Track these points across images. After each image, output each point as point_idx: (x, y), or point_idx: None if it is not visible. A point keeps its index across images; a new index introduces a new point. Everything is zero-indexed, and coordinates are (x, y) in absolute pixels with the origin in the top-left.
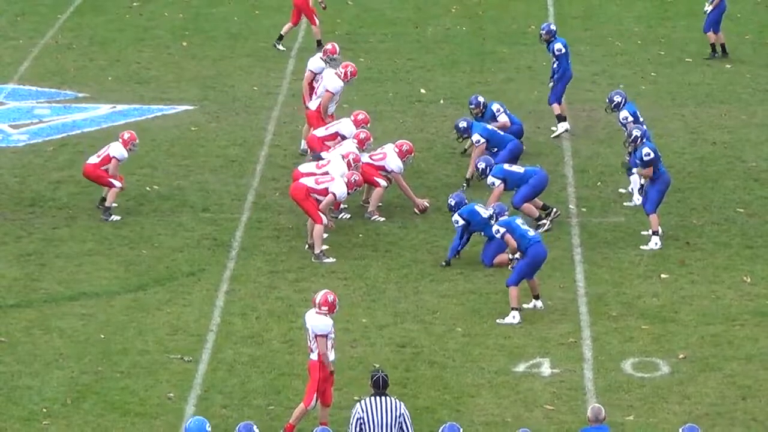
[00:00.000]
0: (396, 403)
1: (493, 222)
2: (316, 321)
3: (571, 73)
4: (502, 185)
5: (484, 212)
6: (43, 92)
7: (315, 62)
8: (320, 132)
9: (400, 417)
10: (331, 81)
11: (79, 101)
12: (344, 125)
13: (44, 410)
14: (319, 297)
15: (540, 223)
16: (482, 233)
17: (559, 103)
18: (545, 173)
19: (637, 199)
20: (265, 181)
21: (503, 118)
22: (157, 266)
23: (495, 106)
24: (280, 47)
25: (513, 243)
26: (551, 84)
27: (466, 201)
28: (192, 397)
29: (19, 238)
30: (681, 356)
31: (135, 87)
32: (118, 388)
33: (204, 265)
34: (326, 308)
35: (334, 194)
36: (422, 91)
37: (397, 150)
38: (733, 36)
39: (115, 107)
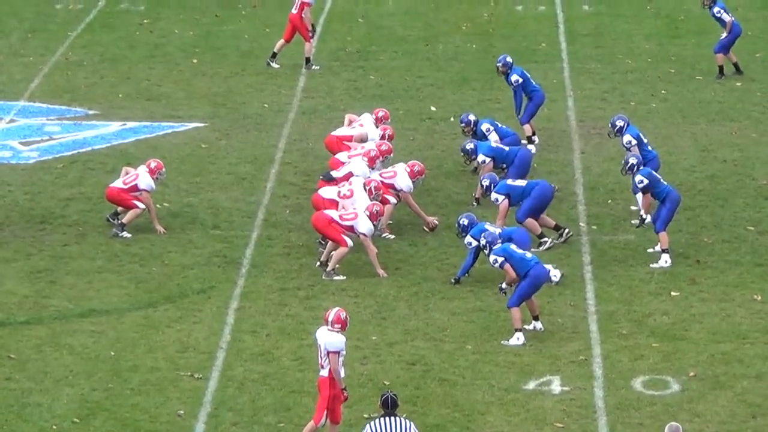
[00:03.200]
0: (406, 422)
1: (487, 252)
2: (329, 338)
3: (542, 94)
4: (506, 201)
5: (495, 230)
6: (54, 109)
7: None
8: (342, 131)
9: None
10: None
11: (90, 118)
12: (366, 120)
13: (54, 427)
14: (331, 315)
15: (542, 240)
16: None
17: (529, 123)
18: (548, 185)
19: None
20: (276, 199)
21: (494, 137)
22: (167, 284)
23: (485, 126)
24: (275, 65)
25: (512, 273)
26: (519, 115)
27: (476, 220)
28: (202, 415)
29: (30, 255)
30: (691, 374)
31: (145, 104)
32: (129, 406)
33: (214, 283)
34: (339, 325)
35: (364, 234)
36: (432, 108)
37: (409, 170)
38: (743, 54)
39: (125, 124)
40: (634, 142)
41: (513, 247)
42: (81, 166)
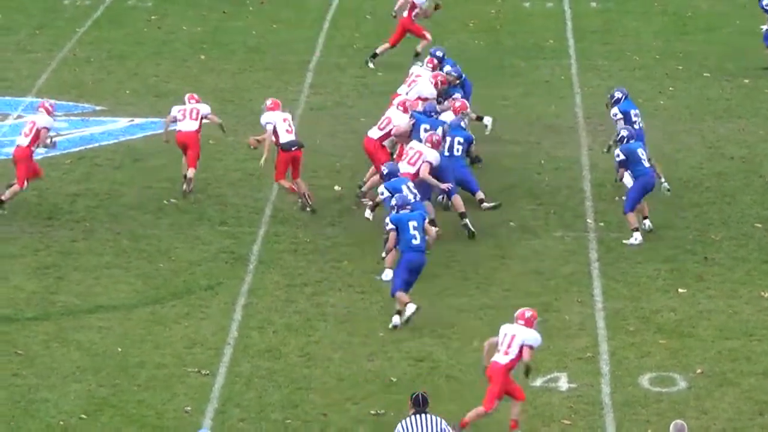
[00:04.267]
0: (437, 420)
1: (390, 212)
2: (530, 333)
3: (468, 83)
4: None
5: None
6: (61, 105)
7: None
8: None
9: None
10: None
11: (97, 114)
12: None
13: (61, 423)
14: (528, 313)
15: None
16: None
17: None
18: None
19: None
20: (283, 195)
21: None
22: (174, 280)
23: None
24: (371, 65)
25: (391, 244)
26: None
27: (399, 173)
28: (209, 411)
29: (37, 251)
30: (698, 371)
31: (153, 100)
32: (136, 402)
33: (221, 279)
34: (534, 322)
35: (430, 162)
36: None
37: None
38: (752, 51)
39: (132, 120)
40: (620, 116)
41: (413, 224)
42: (88, 162)
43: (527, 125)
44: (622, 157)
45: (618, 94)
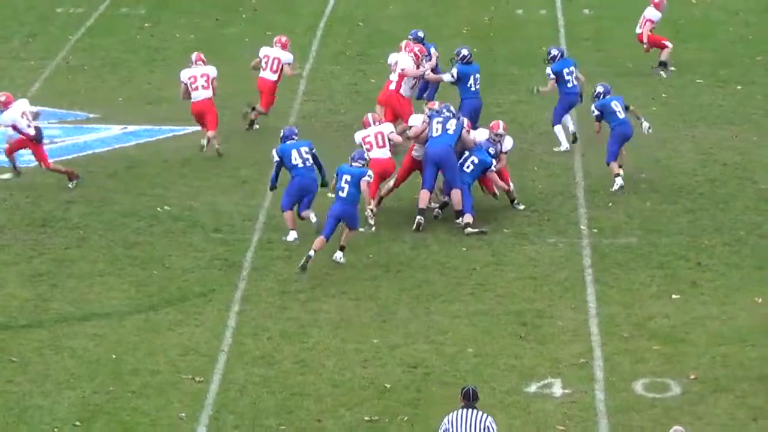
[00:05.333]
0: (482, 415)
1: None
2: None
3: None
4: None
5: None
6: (55, 113)
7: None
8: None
9: (485, 430)
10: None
11: (91, 122)
12: (480, 134)
13: (55, 430)
14: None
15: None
16: None
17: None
18: None
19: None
20: (277, 202)
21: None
22: (168, 287)
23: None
24: (662, 73)
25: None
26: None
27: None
28: (203, 418)
29: (31, 258)
30: (692, 377)
31: (146, 108)
32: (130, 409)
33: (215, 286)
34: None
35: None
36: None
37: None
38: (745, 58)
39: (126, 128)
40: (552, 76)
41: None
42: (82, 169)
43: (521, 132)
44: (596, 112)
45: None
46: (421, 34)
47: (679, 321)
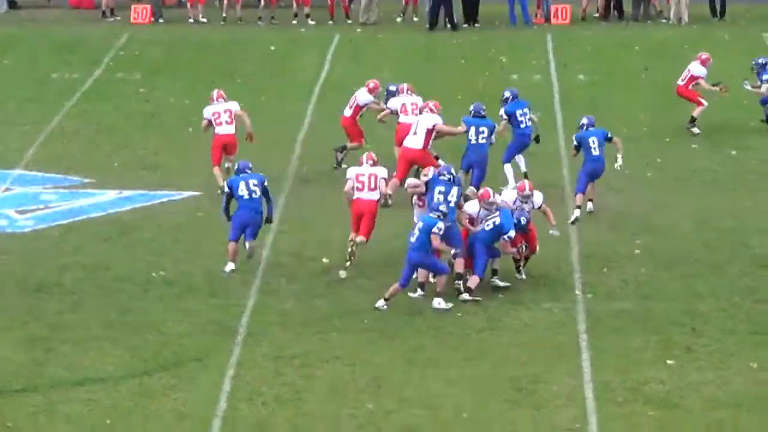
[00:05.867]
0: None
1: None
2: None
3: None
4: None
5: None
6: (50, 178)
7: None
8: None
9: None
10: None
11: (86, 187)
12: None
13: None
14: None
15: None
16: None
17: None
18: None
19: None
20: (272, 267)
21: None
22: (163, 351)
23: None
24: (695, 130)
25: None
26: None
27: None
28: None
29: (25, 323)
30: None
31: (141, 173)
32: None
33: (210, 351)
34: None
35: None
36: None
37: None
38: (739, 123)
39: (121, 193)
40: (505, 117)
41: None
42: (77, 234)
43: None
44: (575, 143)
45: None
46: (392, 87)
47: (674, 386)
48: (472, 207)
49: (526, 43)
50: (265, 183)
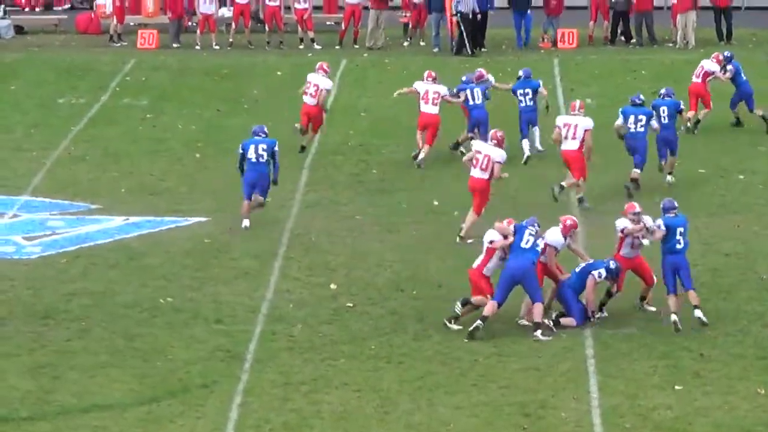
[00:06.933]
0: None
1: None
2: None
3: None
4: None
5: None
6: (57, 204)
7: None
8: None
9: None
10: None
11: (93, 213)
12: (551, 234)
13: None
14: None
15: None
16: None
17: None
18: None
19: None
20: (279, 293)
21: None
22: (170, 378)
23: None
24: (695, 131)
25: None
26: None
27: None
28: None
29: (33, 350)
30: None
31: (148, 198)
32: None
33: (217, 377)
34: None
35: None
36: (435, 202)
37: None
38: (745, 146)
39: (128, 219)
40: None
41: None
42: (84, 260)
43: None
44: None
45: (519, 73)
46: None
47: (681, 412)
48: (553, 235)
49: (533, 68)
50: (275, 148)
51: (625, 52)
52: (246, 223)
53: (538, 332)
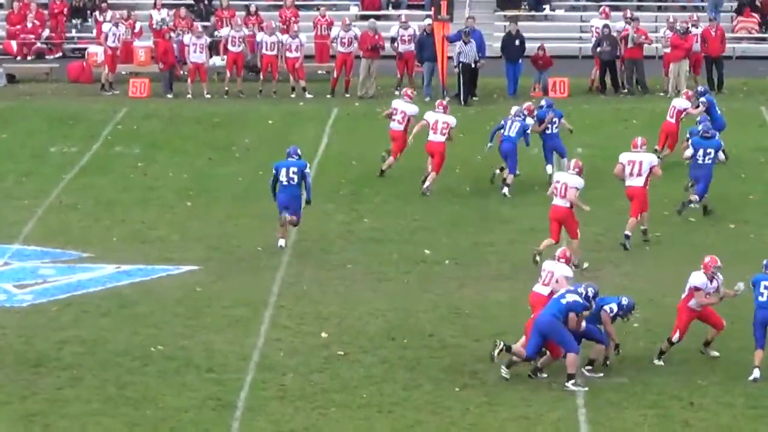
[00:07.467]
0: None
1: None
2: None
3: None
4: None
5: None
6: (48, 252)
7: None
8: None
9: None
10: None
11: (84, 261)
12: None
13: None
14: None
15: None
16: None
17: None
18: None
19: None
20: (270, 342)
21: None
22: (161, 427)
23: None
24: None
25: None
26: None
27: None
28: None
29: (24, 398)
30: None
31: (140, 247)
32: None
33: (208, 426)
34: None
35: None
36: (426, 251)
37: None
38: (736, 195)
39: (119, 267)
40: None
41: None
42: (75, 308)
43: (512, 272)
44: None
45: (542, 102)
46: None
47: None
48: (562, 271)
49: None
50: (306, 170)
51: (615, 101)
52: (282, 242)
53: (570, 383)
